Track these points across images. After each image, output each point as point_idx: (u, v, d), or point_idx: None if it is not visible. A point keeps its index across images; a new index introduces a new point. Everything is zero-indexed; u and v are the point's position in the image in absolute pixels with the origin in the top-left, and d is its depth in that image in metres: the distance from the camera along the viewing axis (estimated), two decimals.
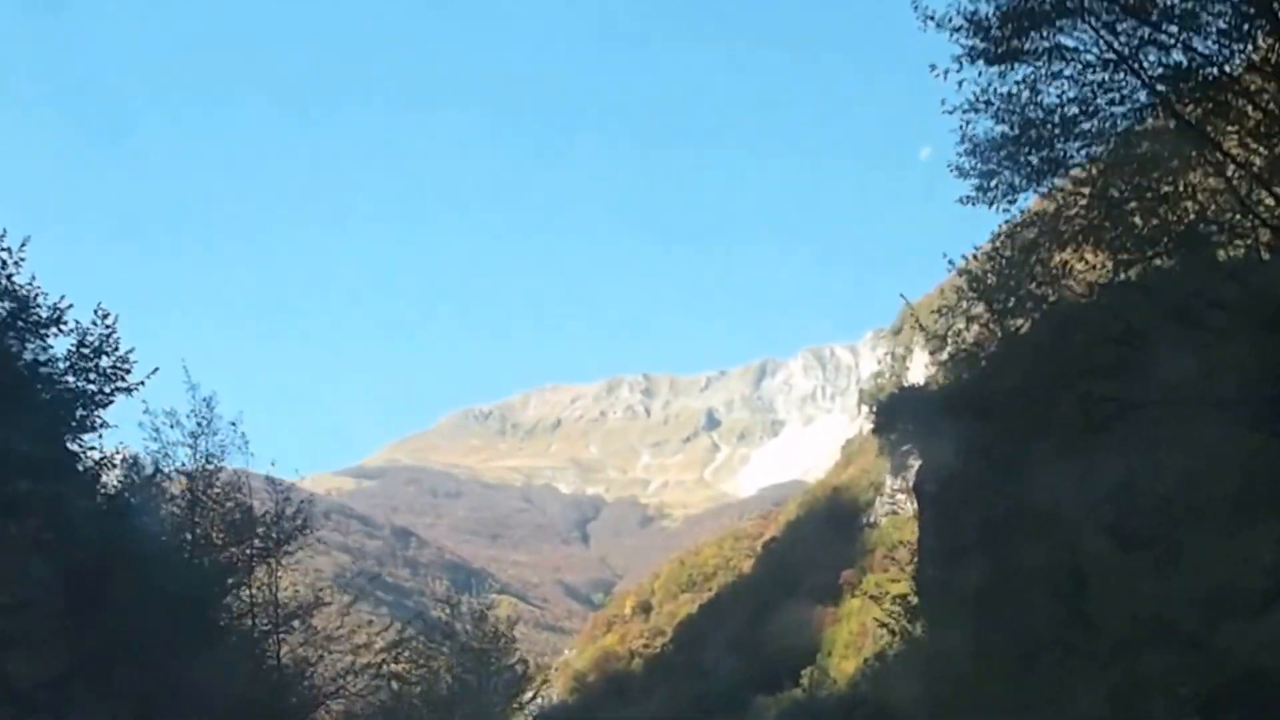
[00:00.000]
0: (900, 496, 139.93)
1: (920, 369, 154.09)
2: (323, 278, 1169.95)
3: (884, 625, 47.50)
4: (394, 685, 38.96)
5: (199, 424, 34.00)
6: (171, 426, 33.52)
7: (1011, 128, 20.65)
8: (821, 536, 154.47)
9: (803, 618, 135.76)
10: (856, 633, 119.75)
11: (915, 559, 77.04)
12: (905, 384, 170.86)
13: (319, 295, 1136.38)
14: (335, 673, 35.72)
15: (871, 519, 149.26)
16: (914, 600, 56.87)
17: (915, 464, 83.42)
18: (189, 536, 33.80)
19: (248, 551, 34.10)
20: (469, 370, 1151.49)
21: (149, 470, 32.52)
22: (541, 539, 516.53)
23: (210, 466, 34.41)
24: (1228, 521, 22.62)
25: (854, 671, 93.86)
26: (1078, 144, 20.55)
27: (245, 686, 28.66)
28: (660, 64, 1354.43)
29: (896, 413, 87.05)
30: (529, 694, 55.00)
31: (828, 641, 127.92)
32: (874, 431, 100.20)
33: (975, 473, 61.67)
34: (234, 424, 34.50)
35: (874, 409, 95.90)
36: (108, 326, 27.45)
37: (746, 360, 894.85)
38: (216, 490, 34.31)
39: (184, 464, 34.25)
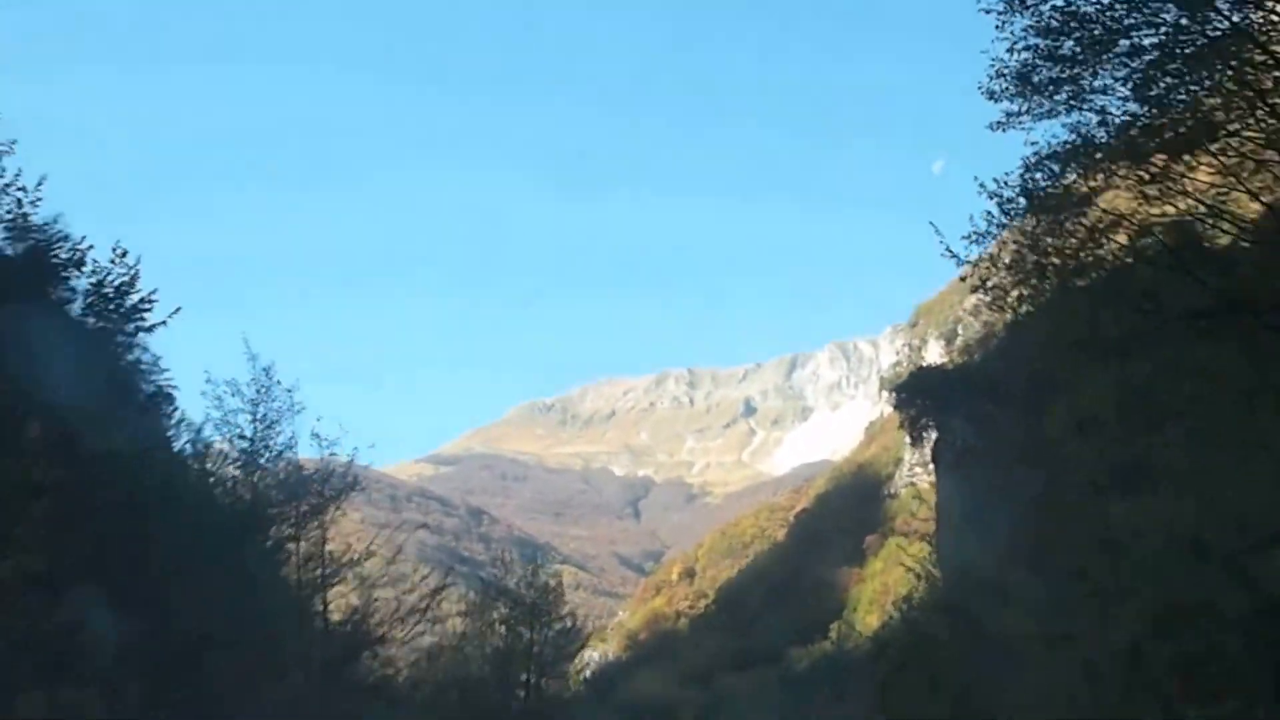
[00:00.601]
0: (918, 470, 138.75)
1: (934, 357, 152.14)
2: (404, 276, 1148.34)
3: (910, 569, 45.30)
4: (439, 629, 36.66)
5: (258, 391, 31.91)
6: (232, 395, 31.36)
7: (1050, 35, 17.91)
8: (847, 507, 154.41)
9: (831, 579, 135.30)
10: (879, 591, 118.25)
11: (935, 521, 74.64)
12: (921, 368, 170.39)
13: (403, 297, 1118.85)
14: (383, 618, 33.35)
15: (892, 490, 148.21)
16: (934, 554, 54.91)
17: (933, 436, 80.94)
18: (247, 497, 31.68)
19: (302, 508, 31.69)
20: (534, 366, 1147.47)
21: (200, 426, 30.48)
22: (598, 516, 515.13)
23: (266, 429, 31.86)
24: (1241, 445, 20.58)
25: (877, 625, 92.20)
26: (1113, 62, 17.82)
27: (281, 631, 26.27)
28: (714, 55, 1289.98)
29: (915, 392, 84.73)
30: (580, 647, 52.67)
31: (853, 599, 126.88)
32: (895, 408, 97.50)
33: (988, 440, 59.67)
34: (290, 391, 32.35)
35: (894, 392, 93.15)
36: (128, 267, 25.11)
37: (779, 354, 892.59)
38: (271, 453, 31.78)
39: (243, 430, 31.91)
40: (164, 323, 26.14)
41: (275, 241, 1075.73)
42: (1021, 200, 18.23)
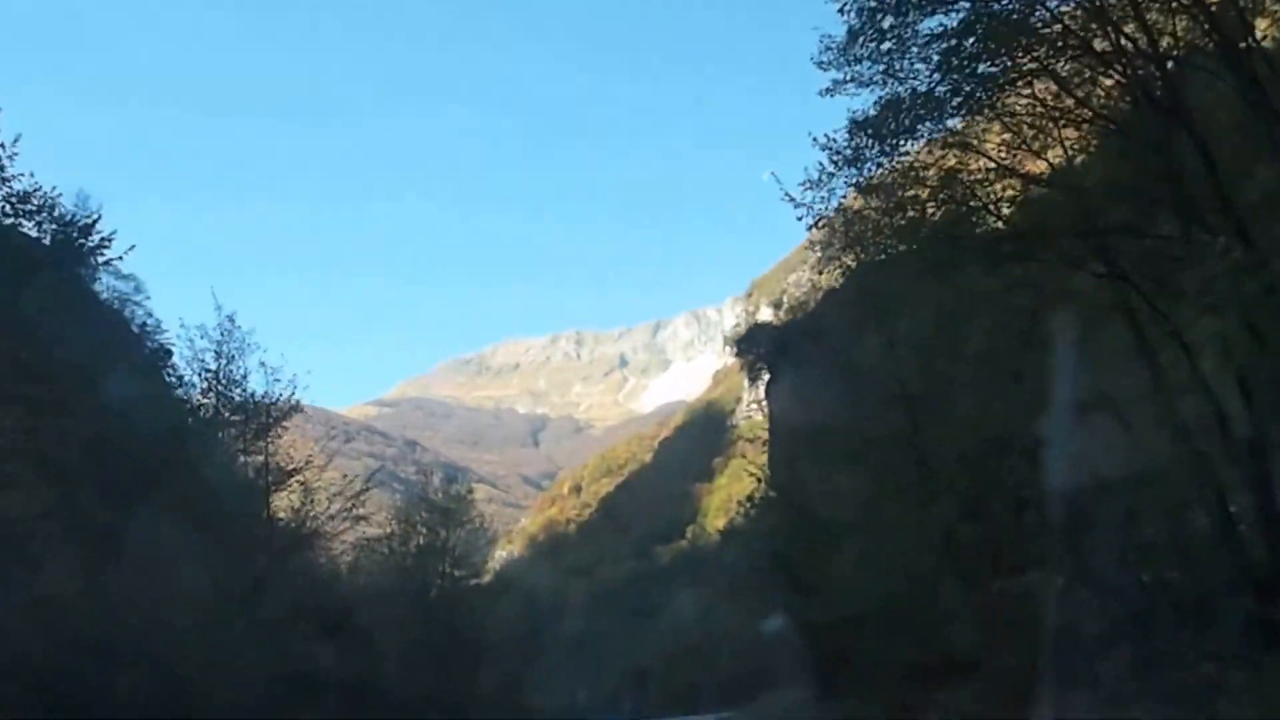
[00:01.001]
0: (754, 406, 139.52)
1: (766, 318, 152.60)
2: (365, 241, 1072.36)
3: (752, 474, 44.66)
4: (364, 529, 35.23)
5: (222, 334, 30.40)
6: (201, 338, 30.30)
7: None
8: (701, 434, 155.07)
9: (687, 491, 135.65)
10: (725, 500, 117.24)
11: (766, 446, 74.06)
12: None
13: (361, 256, 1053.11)
14: (319, 515, 31.92)
15: (735, 422, 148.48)
16: (767, 468, 54.11)
17: (765, 377, 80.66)
18: (208, 416, 30.34)
19: (253, 425, 30.23)
20: (457, 327, 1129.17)
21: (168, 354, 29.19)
22: (506, 445, 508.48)
23: (226, 362, 30.40)
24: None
25: (723, 526, 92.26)
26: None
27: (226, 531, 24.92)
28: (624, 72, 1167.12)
29: (751, 344, 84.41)
30: (490, 543, 51.52)
31: (705, 507, 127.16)
32: (737, 356, 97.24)
33: (806, 380, 59.21)
34: (247, 333, 31.27)
35: (735, 345, 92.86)
36: (89, 211, 23.24)
37: (646, 319, 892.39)
38: (228, 380, 30.26)
39: (208, 364, 30.50)
40: (121, 257, 24.36)
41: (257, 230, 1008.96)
42: (848, 152, 16.72)
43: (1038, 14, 16.38)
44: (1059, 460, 16.22)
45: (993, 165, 17.38)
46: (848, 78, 16.73)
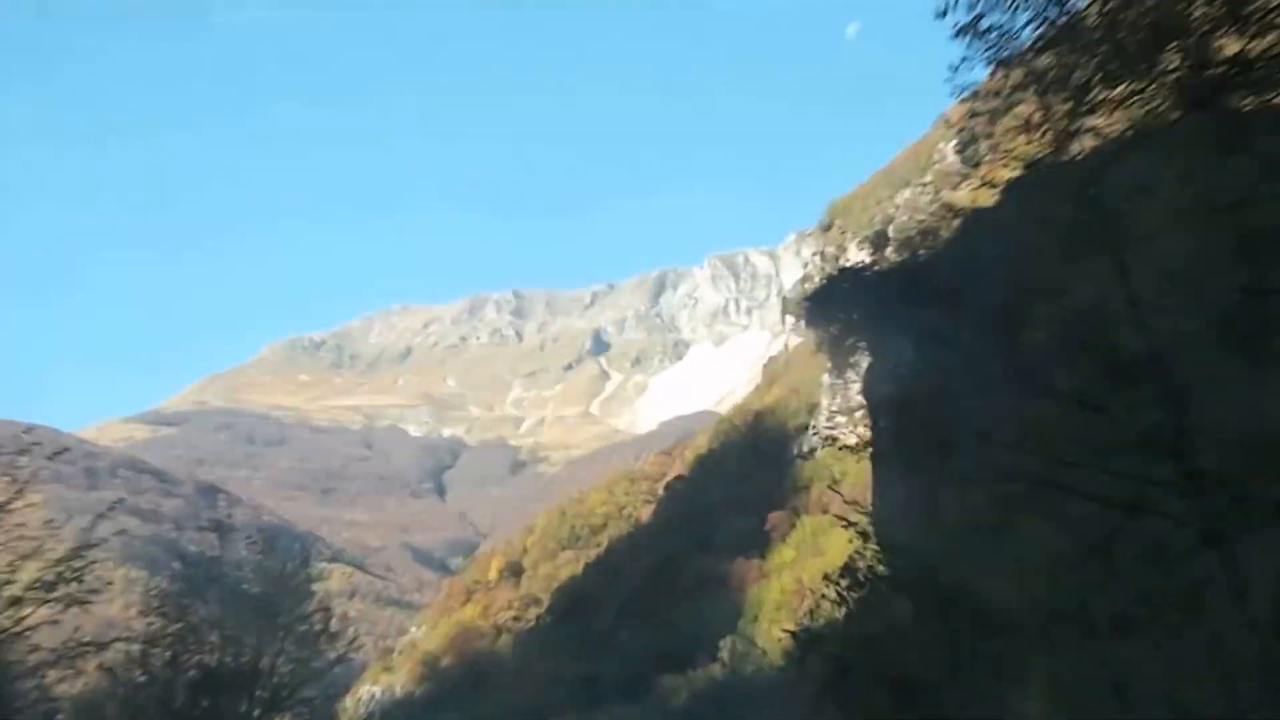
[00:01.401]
0: (840, 419, 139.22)
1: (859, 262, 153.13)
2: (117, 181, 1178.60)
3: (848, 525, 43.27)
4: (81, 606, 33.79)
5: None
6: None
7: None
8: (741, 473, 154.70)
9: (718, 575, 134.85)
10: (790, 590, 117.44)
11: (871, 485, 72.13)
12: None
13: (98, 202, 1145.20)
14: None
15: (804, 448, 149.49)
16: (870, 546, 53.24)
17: (863, 363, 79.41)
18: None
19: None
20: (297, 291, 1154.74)
21: None
22: (386, 493, 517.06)
23: None
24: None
25: (790, 633, 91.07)
26: None
27: None
28: None
29: (836, 304, 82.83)
30: (337, 661, 49.84)
31: (753, 603, 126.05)
32: (809, 326, 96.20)
33: (942, 355, 58.16)
34: None
35: (805, 304, 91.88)
36: None
37: (641, 270, 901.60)
38: None
39: None
40: None
41: None
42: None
43: None
44: None
45: None
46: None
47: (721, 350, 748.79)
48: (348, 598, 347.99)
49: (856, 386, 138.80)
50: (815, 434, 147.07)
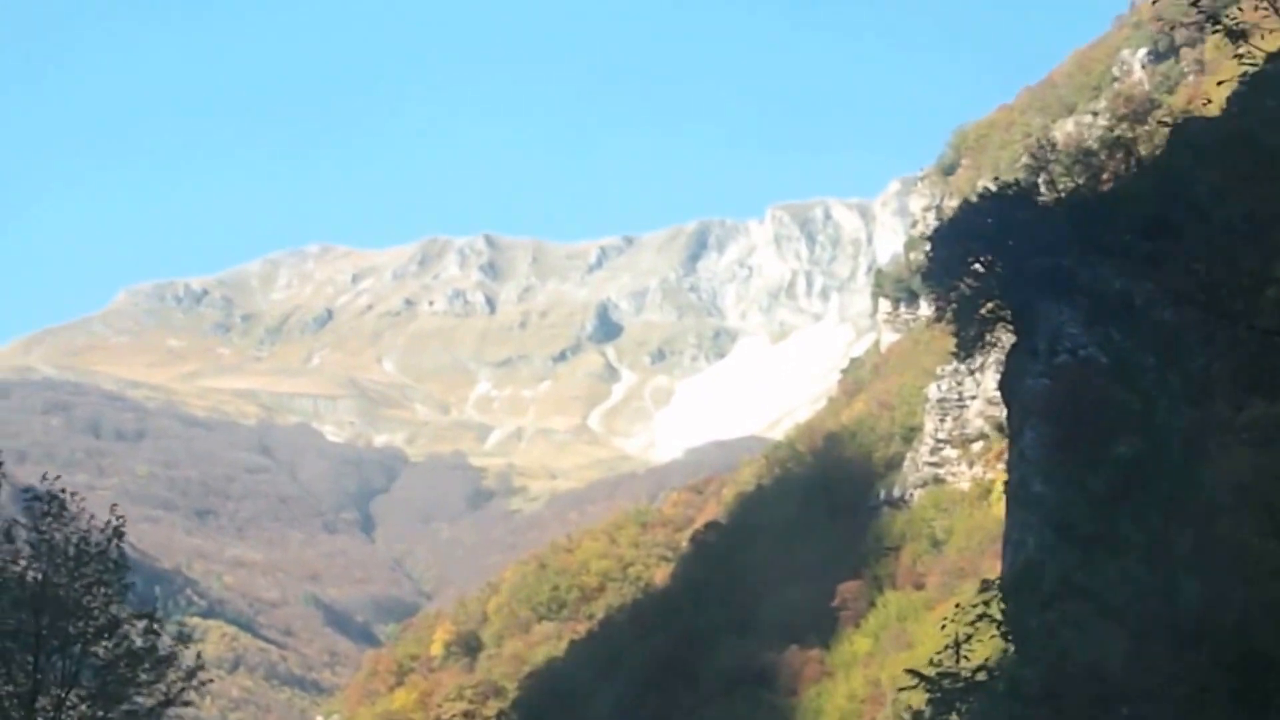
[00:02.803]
0: (950, 453, 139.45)
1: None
2: None
3: (975, 607, 43.82)
4: None
5: None
6: None
7: None
8: (801, 524, 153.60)
9: (762, 668, 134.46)
10: (863, 696, 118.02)
11: (1004, 544, 70.87)
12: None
13: None
14: None
15: (895, 493, 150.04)
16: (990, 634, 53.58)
17: (1003, 345, 75.96)
18: None
19: None
20: (167, 218, 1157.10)
21: None
22: (289, 523, 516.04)
23: None
24: None
25: None
26: None
27: None
28: None
29: (966, 245, 78.20)
30: None
31: (808, 713, 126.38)
32: (925, 278, 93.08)
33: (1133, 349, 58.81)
34: None
35: (930, 244, 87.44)
36: None
37: (672, 222, 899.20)
38: None
39: None
40: None
41: None
42: None
43: None
44: None
45: None
46: None
47: (782, 348, 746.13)
48: (228, 670, 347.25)
49: (976, 406, 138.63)
50: (913, 471, 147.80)
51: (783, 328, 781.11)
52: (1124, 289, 59.64)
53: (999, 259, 70.42)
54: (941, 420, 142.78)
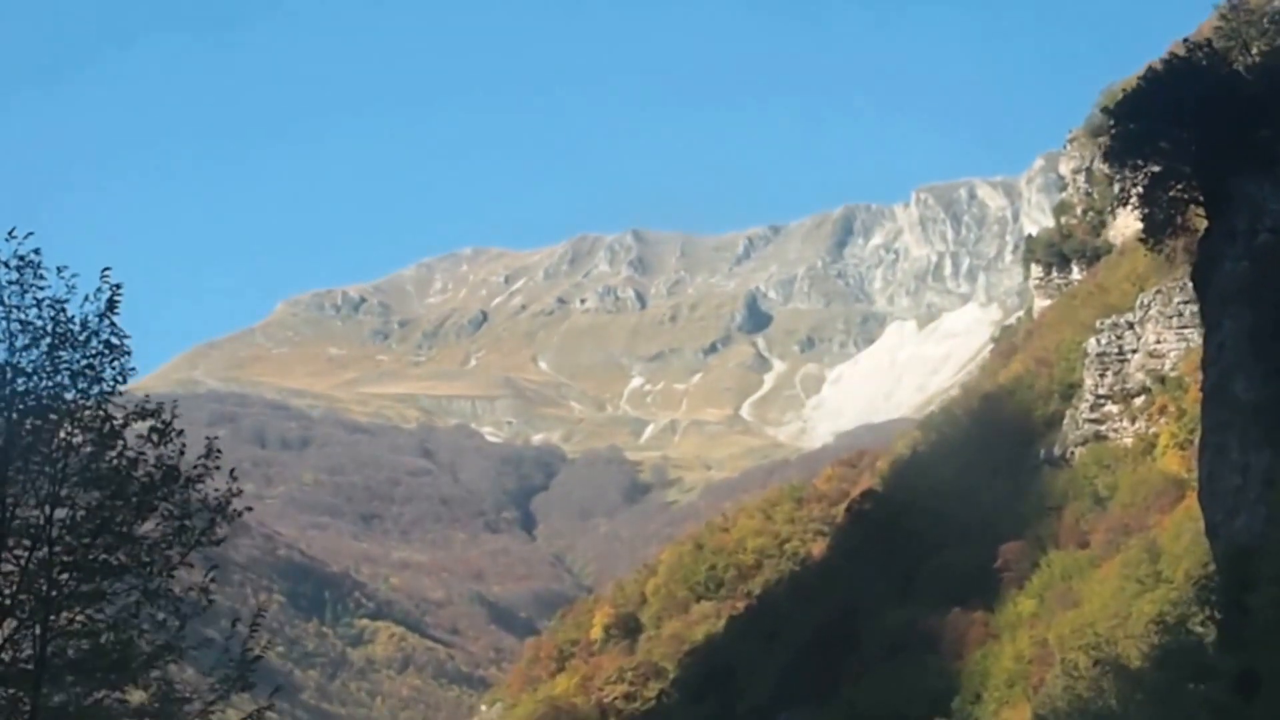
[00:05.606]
0: (1112, 408, 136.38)
1: None
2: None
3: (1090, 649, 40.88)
4: None
5: None
6: None
7: None
8: (960, 487, 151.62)
9: (925, 633, 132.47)
10: (1030, 657, 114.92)
11: (1202, 445, 66.16)
12: (1117, 218, 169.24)
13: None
14: None
15: (1055, 451, 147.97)
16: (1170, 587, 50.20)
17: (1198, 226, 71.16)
18: None
19: None
20: (324, 228, 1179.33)
21: None
22: (452, 523, 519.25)
23: None
24: None
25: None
26: None
27: None
28: None
29: (1148, 130, 72.63)
30: None
31: (974, 675, 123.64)
32: (1107, 159, 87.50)
33: None
34: None
35: (1112, 120, 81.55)
36: None
37: (817, 209, 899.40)
38: None
39: None
40: None
41: None
42: None
43: None
44: None
45: None
46: None
47: (930, 332, 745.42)
48: (397, 670, 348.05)
49: (1137, 359, 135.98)
50: (1073, 429, 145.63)
51: (930, 310, 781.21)
52: None
53: (1189, 133, 66.62)
54: (1101, 375, 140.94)
